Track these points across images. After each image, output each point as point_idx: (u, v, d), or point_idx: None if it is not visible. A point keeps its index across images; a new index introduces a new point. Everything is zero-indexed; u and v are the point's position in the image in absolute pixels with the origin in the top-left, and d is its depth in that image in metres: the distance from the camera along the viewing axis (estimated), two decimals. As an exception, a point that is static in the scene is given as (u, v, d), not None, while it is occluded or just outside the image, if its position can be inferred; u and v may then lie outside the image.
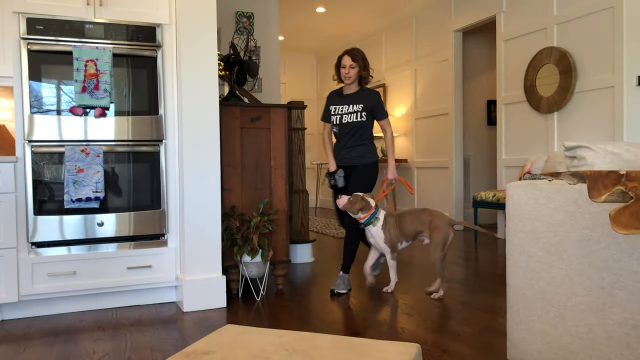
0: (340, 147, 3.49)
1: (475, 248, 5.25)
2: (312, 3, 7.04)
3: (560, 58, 4.89)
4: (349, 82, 3.41)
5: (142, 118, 3.10)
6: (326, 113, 3.56)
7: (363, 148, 3.45)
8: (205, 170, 3.13)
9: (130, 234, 3.08)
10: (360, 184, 3.41)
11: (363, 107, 3.41)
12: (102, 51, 2.96)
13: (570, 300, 1.79)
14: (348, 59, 3.39)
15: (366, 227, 3.28)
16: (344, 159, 3.48)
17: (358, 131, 3.43)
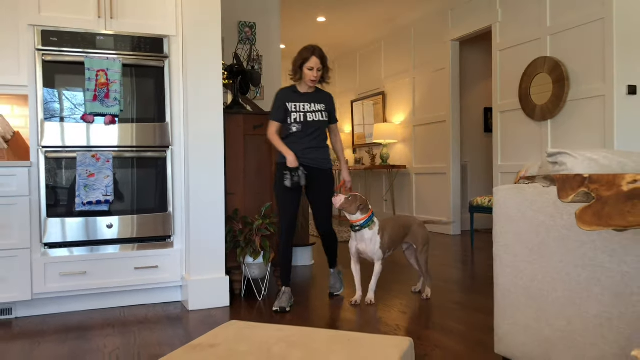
0: (302, 147, 3.19)
1: (472, 252, 5.38)
2: (313, 13, 7.22)
3: (553, 67, 5.04)
4: (313, 85, 3.24)
5: (150, 125, 3.25)
6: (279, 111, 3.21)
7: (326, 151, 3.29)
8: (210, 176, 3.27)
9: (137, 235, 3.22)
10: (328, 189, 3.26)
11: (325, 108, 3.27)
12: (113, 62, 3.11)
13: (550, 295, 1.93)
14: (317, 62, 3.17)
15: (359, 230, 3.15)
16: (308, 160, 3.20)
17: (322, 132, 3.25)
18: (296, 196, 3.18)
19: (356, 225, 3.16)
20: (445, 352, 2.38)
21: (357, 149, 8.94)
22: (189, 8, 3.27)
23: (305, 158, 3.19)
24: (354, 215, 3.14)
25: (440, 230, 6.79)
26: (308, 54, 3.16)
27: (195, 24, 3.27)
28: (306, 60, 3.16)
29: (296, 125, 3.18)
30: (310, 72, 3.17)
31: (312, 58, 3.16)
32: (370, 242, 3.17)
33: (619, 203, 1.21)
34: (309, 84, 3.22)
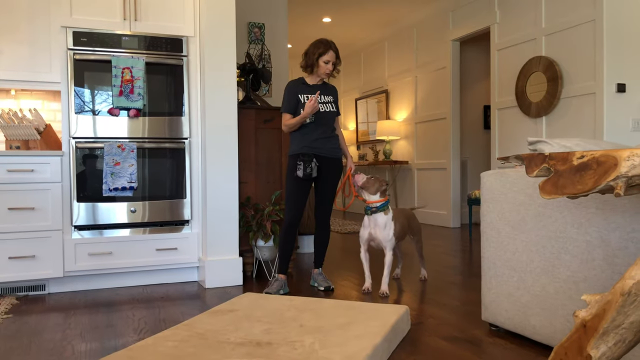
0: (315, 137, 3.27)
1: (470, 243, 5.64)
2: (319, 13, 7.50)
3: (547, 66, 5.31)
4: (327, 77, 3.36)
5: (170, 118, 3.54)
6: (292, 103, 3.29)
7: (336, 140, 3.40)
8: (225, 165, 3.55)
9: (158, 220, 3.51)
10: (336, 178, 3.37)
11: (333, 100, 3.38)
12: (137, 60, 3.40)
13: (528, 265, 2.20)
14: (333, 55, 3.27)
15: (374, 213, 3.17)
16: (321, 149, 3.29)
17: (332, 122, 3.36)
18: (306, 187, 3.26)
19: (372, 207, 3.17)
20: (438, 321, 2.65)
21: (361, 146, 9.22)
22: (206, 11, 3.56)
23: (317, 148, 3.27)
24: (373, 196, 3.19)
25: (440, 222, 7.06)
26: (325, 48, 3.25)
27: (211, 26, 3.56)
28: (323, 53, 3.25)
29: (311, 117, 3.25)
30: (326, 65, 3.26)
31: (329, 52, 3.25)
32: (385, 228, 3.18)
33: (570, 175, 1.49)
34: (323, 76, 3.32)
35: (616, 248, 1.84)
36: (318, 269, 3.46)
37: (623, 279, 1.33)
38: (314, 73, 3.35)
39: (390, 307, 2.51)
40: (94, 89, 3.38)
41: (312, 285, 3.46)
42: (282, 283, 3.26)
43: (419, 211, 7.54)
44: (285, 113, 3.33)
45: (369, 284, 3.31)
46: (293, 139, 3.35)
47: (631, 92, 4.79)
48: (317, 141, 3.30)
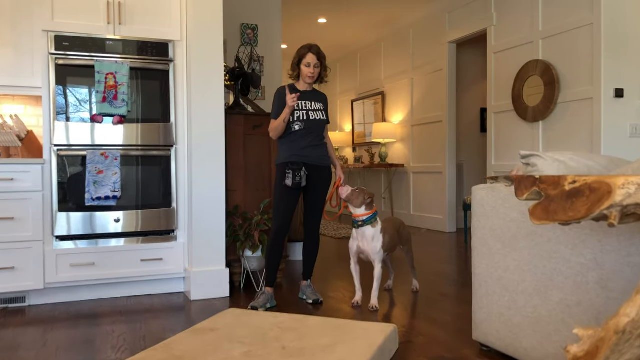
0: (304, 145, 3.17)
1: (465, 249, 5.56)
2: (314, 15, 7.40)
3: (545, 70, 5.21)
4: (311, 82, 3.24)
5: (155, 125, 3.44)
6: (281, 109, 3.16)
7: (325, 148, 3.29)
8: (212, 173, 3.46)
9: (143, 229, 3.42)
10: (325, 186, 3.27)
11: (323, 107, 3.28)
12: (121, 65, 3.31)
13: (520, 285, 2.11)
14: (313, 58, 3.17)
15: (361, 227, 3.10)
16: (311, 157, 3.19)
17: (322, 130, 3.25)
18: (295, 196, 3.17)
19: (359, 220, 3.10)
20: (427, 338, 2.57)
21: (357, 148, 9.12)
22: (193, 15, 3.46)
23: (306, 156, 3.17)
24: (359, 209, 3.11)
25: (436, 227, 6.97)
26: (305, 51, 3.19)
27: (198, 30, 3.46)
28: (303, 56, 3.18)
29: (299, 124, 3.15)
30: (307, 69, 3.17)
31: (308, 54, 3.17)
32: (372, 241, 3.10)
33: (562, 200, 1.39)
34: (306, 80, 3.22)
35: (611, 272, 1.75)
36: (307, 281, 3.37)
37: (617, 316, 1.24)
38: (301, 80, 3.26)
39: (378, 327, 2.42)
40: (77, 95, 3.28)
41: (300, 297, 3.37)
42: (268, 297, 3.17)
43: (415, 215, 7.45)
44: (274, 120, 3.24)
45: (359, 297, 3.23)
46: (281, 146, 3.26)
47: (629, 97, 4.70)
48: (306, 149, 3.21)
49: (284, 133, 3.21)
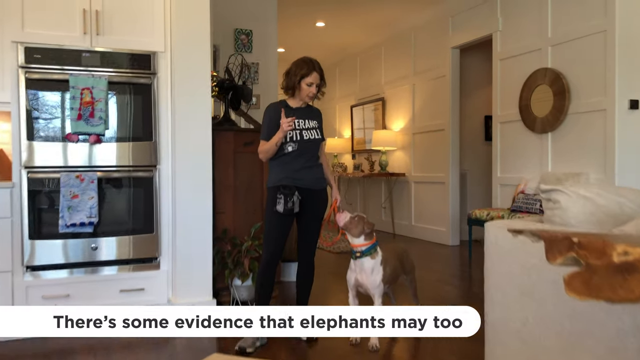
0: (297, 167, 2.92)
1: (470, 265, 5.29)
2: (312, 18, 7.12)
3: (554, 79, 4.94)
4: (311, 100, 3.04)
5: (137, 144, 3.17)
6: (272, 129, 2.90)
7: (320, 169, 3.05)
8: (197, 195, 3.20)
9: (123, 257, 3.15)
10: (321, 211, 3.01)
11: (317, 125, 3.05)
12: (98, 79, 3.03)
13: (543, 341, 1.84)
14: (317, 77, 2.93)
15: (361, 258, 2.83)
16: (305, 180, 2.93)
17: (316, 150, 3.03)
18: (287, 223, 2.90)
19: (357, 250, 2.83)
20: (434, 391, 2.29)
21: (357, 155, 8.85)
22: (178, 24, 3.19)
23: (299, 179, 2.91)
24: (357, 239, 2.85)
25: (438, 239, 6.70)
26: (309, 69, 2.91)
27: (184, 40, 3.20)
28: (306, 75, 2.90)
29: (292, 145, 2.90)
30: (309, 88, 2.92)
31: (312, 73, 2.91)
32: (372, 274, 2.83)
33: (609, 274, 1.12)
34: (306, 100, 2.99)
35: (655, 340, 1.47)
36: None
37: None
38: (296, 96, 2.99)
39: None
40: (50, 112, 3.01)
41: None
42: None
43: (417, 226, 7.18)
44: (263, 140, 2.96)
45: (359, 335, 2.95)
46: (272, 168, 2.99)
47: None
48: (299, 171, 2.94)
49: (276, 154, 2.94)
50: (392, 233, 7.62)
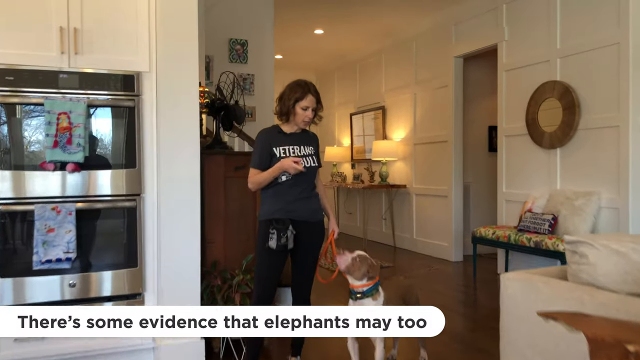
0: (292, 198, 2.69)
1: (474, 285, 5.06)
2: (310, 26, 6.88)
3: (563, 93, 4.71)
4: (307, 126, 2.80)
5: (119, 172, 2.93)
6: (264, 158, 2.69)
7: (317, 200, 2.82)
8: (184, 226, 2.97)
9: (104, 294, 2.91)
10: (317, 245, 2.79)
11: (314, 151, 2.82)
12: (76, 103, 2.80)
13: (569, 421, 1.61)
14: (313, 101, 2.71)
15: (361, 299, 2.54)
16: (300, 213, 2.71)
17: (313, 179, 2.80)
18: (280, 259, 2.67)
19: (357, 291, 2.54)
20: None
21: (356, 164, 8.62)
22: (164, 42, 2.96)
23: (294, 211, 2.68)
24: (358, 280, 2.55)
25: (441, 255, 6.46)
26: (303, 92, 2.69)
27: (170, 59, 2.97)
28: (300, 98, 2.69)
29: (286, 174, 2.66)
30: (304, 113, 2.70)
31: (307, 96, 2.69)
32: None
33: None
34: (302, 125, 2.75)
35: None
36: (296, 357, 2.86)
37: None
38: (291, 121, 2.75)
39: None
40: (23, 139, 2.77)
41: None
42: None
43: (418, 240, 6.94)
44: (253, 168, 2.73)
45: None
46: (264, 199, 2.76)
47: (661, 126, 4.19)
48: (294, 203, 2.71)
49: (268, 184, 2.72)
50: (393, 246, 7.40)
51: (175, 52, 3.00)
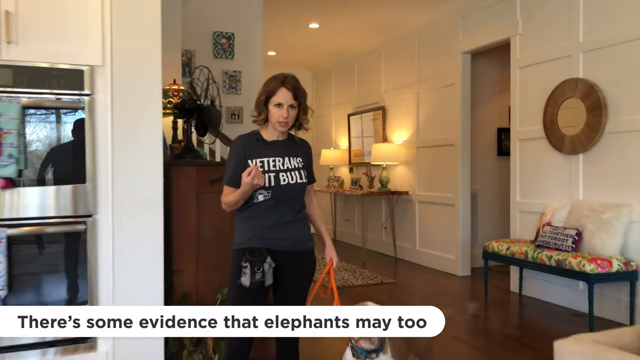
0: (271, 222, 2.16)
1: (485, 308, 4.54)
2: (304, 19, 6.35)
3: (587, 92, 4.19)
4: (284, 129, 2.21)
5: (64, 188, 2.41)
6: (238, 171, 2.14)
7: (305, 223, 2.28)
8: (144, 253, 2.46)
9: (47, 337, 2.38)
10: (306, 281, 2.26)
11: (302, 163, 2.27)
12: (8, 104, 2.27)
13: None
14: (287, 95, 2.14)
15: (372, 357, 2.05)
16: (281, 241, 2.18)
17: (300, 198, 2.25)
18: (257, 299, 2.11)
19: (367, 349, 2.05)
20: None
21: (354, 168, 8.09)
22: (121, 31, 2.45)
23: (273, 239, 2.16)
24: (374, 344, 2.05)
25: (447, 268, 5.94)
26: (275, 85, 2.15)
27: (128, 51, 2.46)
28: (272, 93, 2.15)
29: (264, 193, 2.15)
30: (277, 111, 2.15)
31: (280, 90, 2.14)
32: None
33: None
34: (277, 127, 2.20)
35: None
36: None
37: None
38: (269, 125, 2.23)
39: None
40: (-59, 149, 2.24)
41: None
42: None
43: (422, 252, 6.42)
44: (227, 186, 2.21)
45: None
46: (238, 223, 2.25)
47: (702, 130, 3.68)
48: (274, 228, 2.18)
49: (243, 204, 2.19)
50: (394, 257, 6.88)
51: (136, 43, 2.49)
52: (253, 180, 2.06)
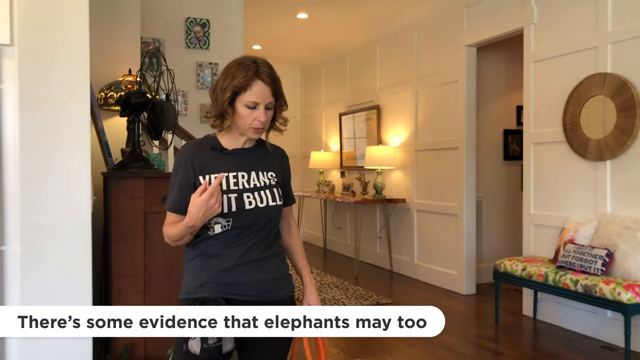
0: (232, 261, 1.57)
1: (497, 338, 3.94)
2: (291, 8, 5.73)
3: (617, 89, 3.61)
4: (259, 135, 1.62)
5: (-48, 210, 1.77)
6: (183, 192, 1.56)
7: (280, 261, 1.68)
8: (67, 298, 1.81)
9: None
10: (284, 344, 1.69)
11: (275, 179, 1.67)
12: None
13: None
14: (266, 91, 1.55)
15: None
16: (243, 287, 1.59)
17: (273, 227, 1.65)
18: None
19: None
20: None
21: (346, 172, 7.48)
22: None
23: (234, 285, 1.57)
24: None
25: (449, 285, 5.34)
26: (246, 77, 1.52)
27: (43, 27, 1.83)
28: (242, 88, 1.53)
29: (221, 222, 1.55)
30: (250, 114, 1.54)
31: (254, 84, 1.53)
32: None
33: None
34: (250, 135, 1.60)
35: None
36: None
37: None
38: (232, 129, 1.61)
39: None
40: None
41: None
42: None
43: (420, 266, 5.81)
44: (170, 213, 1.59)
45: None
46: (187, 264, 1.63)
47: None
48: (234, 271, 1.57)
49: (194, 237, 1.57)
50: (390, 270, 6.27)
51: (56, 15, 1.85)
52: (209, 200, 1.44)
